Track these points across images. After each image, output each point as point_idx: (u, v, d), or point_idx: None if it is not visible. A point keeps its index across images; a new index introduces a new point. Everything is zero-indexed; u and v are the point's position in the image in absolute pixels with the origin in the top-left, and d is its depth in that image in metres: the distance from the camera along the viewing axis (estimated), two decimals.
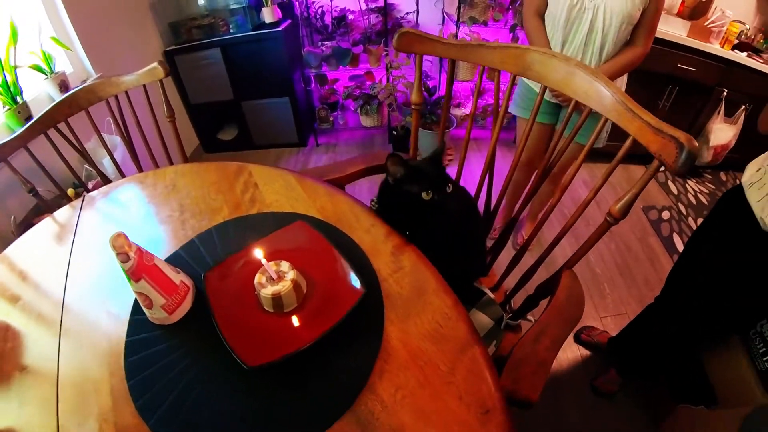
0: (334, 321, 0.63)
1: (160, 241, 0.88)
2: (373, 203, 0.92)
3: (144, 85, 1.32)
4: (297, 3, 2.34)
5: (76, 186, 1.63)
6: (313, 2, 2.35)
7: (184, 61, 2.39)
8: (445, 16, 2.49)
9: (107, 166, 1.74)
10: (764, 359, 1.25)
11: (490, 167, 1.12)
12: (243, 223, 0.90)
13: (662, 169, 3.02)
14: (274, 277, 0.67)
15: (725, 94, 2.26)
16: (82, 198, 1.05)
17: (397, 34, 1.04)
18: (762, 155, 1.14)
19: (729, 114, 2.31)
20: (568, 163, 1.71)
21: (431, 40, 1.05)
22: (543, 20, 1.49)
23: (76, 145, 1.32)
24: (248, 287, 0.70)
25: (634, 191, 0.80)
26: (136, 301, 0.73)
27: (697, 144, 0.71)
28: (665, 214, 2.33)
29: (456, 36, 2.33)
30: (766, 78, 2.22)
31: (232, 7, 2.26)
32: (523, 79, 1.65)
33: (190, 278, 0.75)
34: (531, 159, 1.82)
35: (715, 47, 2.18)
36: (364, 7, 2.36)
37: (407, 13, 2.43)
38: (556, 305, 0.87)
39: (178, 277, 0.72)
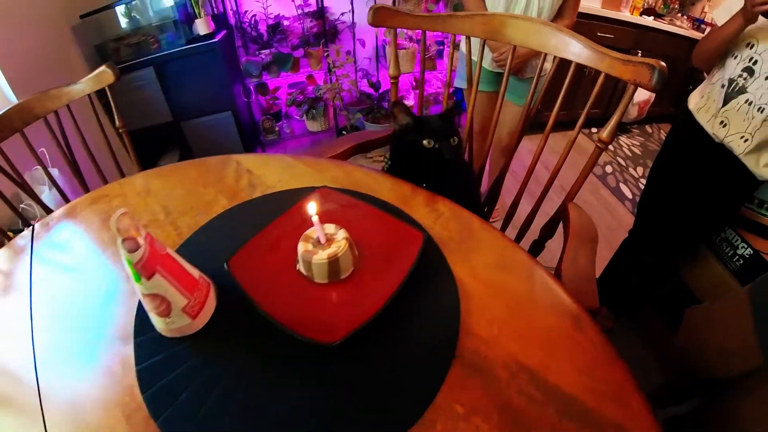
0: (404, 272, 0.59)
1: None
2: (385, 161, 0.91)
3: (90, 96, 1.20)
4: (231, 13, 2.26)
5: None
6: (246, 12, 2.29)
7: (114, 85, 2.20)
8: None
9: (48, 202, 1.56)
10: (734, 260, 1.42)
11: (469, 136, 1.18)
12: (250, 207, 0.82)
13: (596, 131, 3.26)
14: (323, 240, 0.61)
15: (640, 54, 2.51)
16: (31, 229, 0.82)
17: (372, 9, 1.08)
18: (700, 86, 1.33)
19: None
20: (515, 129, 1.84)
21: (403, 14, 1.12)
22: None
23: (14, 176, 1.12)
24: (287, 264, 0.63)
25: (617, 116, 0.90)
26: (139, 320, 0.60)
27: (664, 64, 0.81)
28: (608, 168, 2.54)
29: (395, 29, 2.38)
30: (671, 37, 2.51)
31: (159, 23, 2.13)
32: (464, 52, 1.74)
33: (205, 275, 0.64)
34: (484, 127, 1.89)
35: (626, 15, 2.42)
36: (297, 12, 2.34)
37: (342, 14, 2.44)
38: (575, 231, 0.92)
39: (195, 271, 0.61)
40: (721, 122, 1.19)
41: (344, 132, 2.74)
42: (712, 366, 1.03)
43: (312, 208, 0.58)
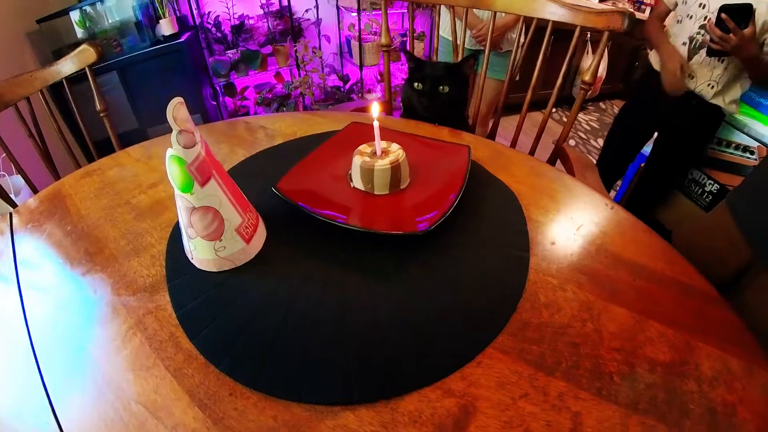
0: (462, 175, 0.61)
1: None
2: (403, 108, 0.94)
3: (64, 81, 1.13)
4: (195, 13, 2.21)
5: None
6: (209, 12, 2.25)
7: (75, 93, 2.09)
8: (341, 9, 2.57)
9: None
10: (704, 197, 1.57)
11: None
12: (275, 151, 0.80)
13: (554, 110, 3.40)
14: (379, 152, 0.60)
15: (589, 35, 2.69)
16: (9, 217, 0.73)
17: None
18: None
19: (595, 50, 2.76)
20: (493, 101, 1.96)
21: None
22: None
23: None
24: (340, 184, 0.62)
25: (597, 59, 1.01)
26: (172, 261, 0.55)
27: (632, 10, 0.93)
28: (572, 142, 2.71)
29: (360, 24, 2.44)
30: None
31: (121, 26, 2.06)
32: (442, 35, 1.82)
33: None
34: None
35: None
36: (261, 12, 2.33)
37: (307, 10, 2.46)
38: (576, 160, 1.00)
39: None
40: (689, 75, 1.36)
41: None
42: (710, 272, 1.13)
43: (375, 109, 0.58)
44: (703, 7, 1.30)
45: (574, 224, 0.61)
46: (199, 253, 0.52)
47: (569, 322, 0.47)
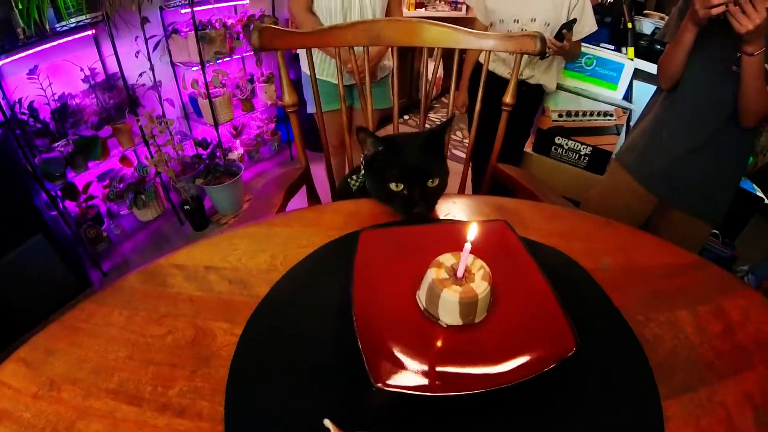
0: (534, 266, 0.55)
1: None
2: (355, 181, 0.83)
3: None
4: (2, 104, 1.68)
5: None
6: (19, 100, 1.77)
7: None
8: (177, 66, 2.30)
9: None
10: (581, 160, 2.02)
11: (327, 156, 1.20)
12: (269, 309, 0.55)
13: (407, 117, 3.66)
14: (461, 274, 0.49)
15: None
16: None
17: (257, 30, 1.00)
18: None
19: (430, 55, 3.02)
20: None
21: (290, 34, 1.09)
22: (313, 14, 1.61)
23: None
24: (423, 326, 0.50)
25: (513, 81, 1.06)
26: None
27: (542, 32, 1.03)
28: None
29: (206, 78, 2.22)
30: (443, 20, 3.00)
31: None
32: (324, 78, 1.75)
33: None
34: (342, 142, 1.91)
35: (407, 11, 2.80)
36: (85, 86, 1.94)
37: (141, 74, 2.14)
38: (522, 177, 1.07)
39: None
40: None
41: (187, 207, 2.37)
42: (628, 222, 1.36)
43: (473, 231, 0.50)
44: (517, 22, 1.69)
45: (609, 257, 0.68)
46: None
47: (674, 343, 0.53)
